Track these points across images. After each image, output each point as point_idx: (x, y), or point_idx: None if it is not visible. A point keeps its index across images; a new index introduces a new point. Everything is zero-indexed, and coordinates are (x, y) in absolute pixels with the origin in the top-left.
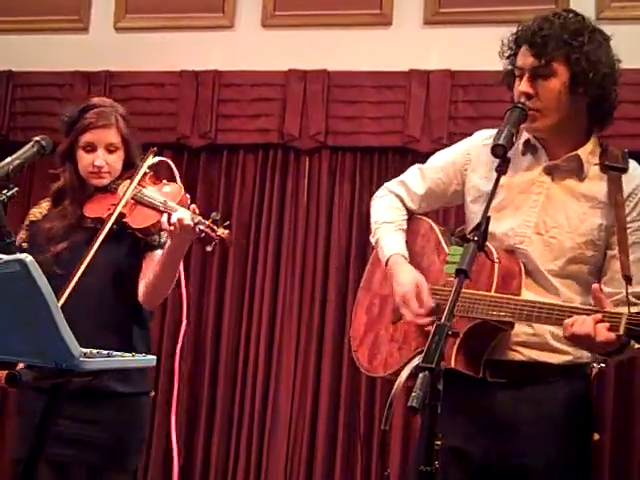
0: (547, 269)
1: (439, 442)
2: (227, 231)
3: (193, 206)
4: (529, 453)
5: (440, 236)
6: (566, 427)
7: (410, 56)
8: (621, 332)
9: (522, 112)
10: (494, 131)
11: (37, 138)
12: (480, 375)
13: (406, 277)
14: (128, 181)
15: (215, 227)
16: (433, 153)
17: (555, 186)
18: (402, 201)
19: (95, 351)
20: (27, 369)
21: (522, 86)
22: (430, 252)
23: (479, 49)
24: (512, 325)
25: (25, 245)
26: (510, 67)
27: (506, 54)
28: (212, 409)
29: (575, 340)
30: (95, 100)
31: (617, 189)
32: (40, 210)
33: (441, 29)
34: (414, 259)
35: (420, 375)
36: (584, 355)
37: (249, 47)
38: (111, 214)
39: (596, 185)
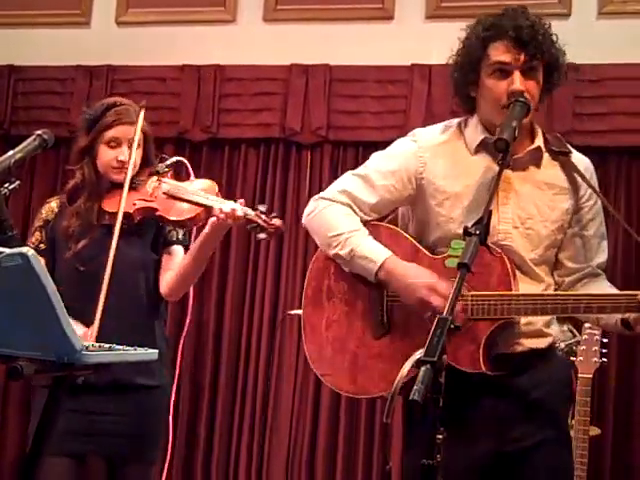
0: (529, 259)
1: (440, 435)
2: (280, 220)
3: (241, 200)
4: (544, 431)
5: (411, 239)
6: (564, 400)
7: (412, 50)
8: None
9: (524, 106)
10: (438, 128)
11: (39, 132)
12: (492, 373)
13: (417, 270)
14: (155, 177)
15: (266, 217)
16: None
17: (518, 179)
18: (352, 210)
19: (97, 344)
20: (29, 362)
21: (517, 84)
22: (408, 256)
23: None
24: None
25: (43, 246)
26: (472, 60)
27: (474, 50)
28: (213, 405)
29: None
30: (116, 98)
31: (575, 171)
32: (51, 209)
33: (443, 23)
34: None
35: (422, 368)
36: (559, 335)
37: (251, 41)
38: (139, 208)
39: (552, 171)
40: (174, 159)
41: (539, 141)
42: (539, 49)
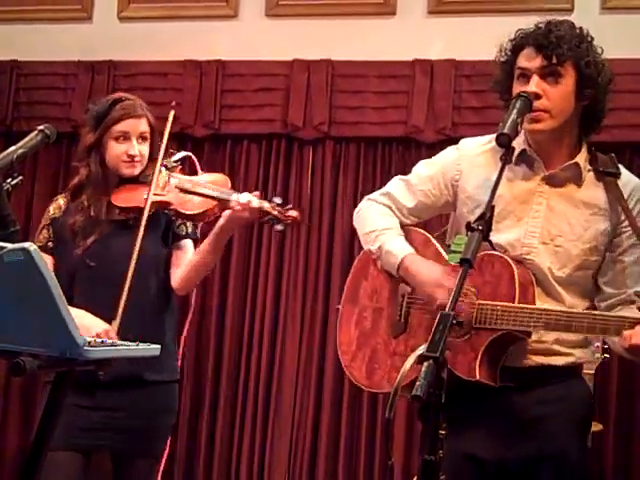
0: (555, 277)
1: (443, 431)
2: (296, 212)
3: (256, 192)
4: (544, 448)
5: (438, 245)
6: (575, 421)
7: (414, 46)
8: None
9: (526, 101)
10: (484, 139)
11: (41, 127)
12: (497, 384)
13: (432, 267)
14: (165, 172)
15: (281, 209)
16: (437, 143)
17: (554, 195)
18: (391, 210)
19: (99, 340)
20: (31, 358)
21: (531, 86)
22: (432, 260)
23: (483, 39)
24: (529, 334)
25: (51, 244)
26: (506, 70)
27: (503, 59)
28: (215, 399)
29: (635, 351)
30: (121, 94)
31: (618, 194)
32: (58, 206)
33: (445, 19)
34: None
35: (424, 364)
36: (585, 356)
37: (253, 37)
38: (153, 202)
39: (593, 192)
40: (182, 154)
41: (580, 158)
42: (557, 53)
